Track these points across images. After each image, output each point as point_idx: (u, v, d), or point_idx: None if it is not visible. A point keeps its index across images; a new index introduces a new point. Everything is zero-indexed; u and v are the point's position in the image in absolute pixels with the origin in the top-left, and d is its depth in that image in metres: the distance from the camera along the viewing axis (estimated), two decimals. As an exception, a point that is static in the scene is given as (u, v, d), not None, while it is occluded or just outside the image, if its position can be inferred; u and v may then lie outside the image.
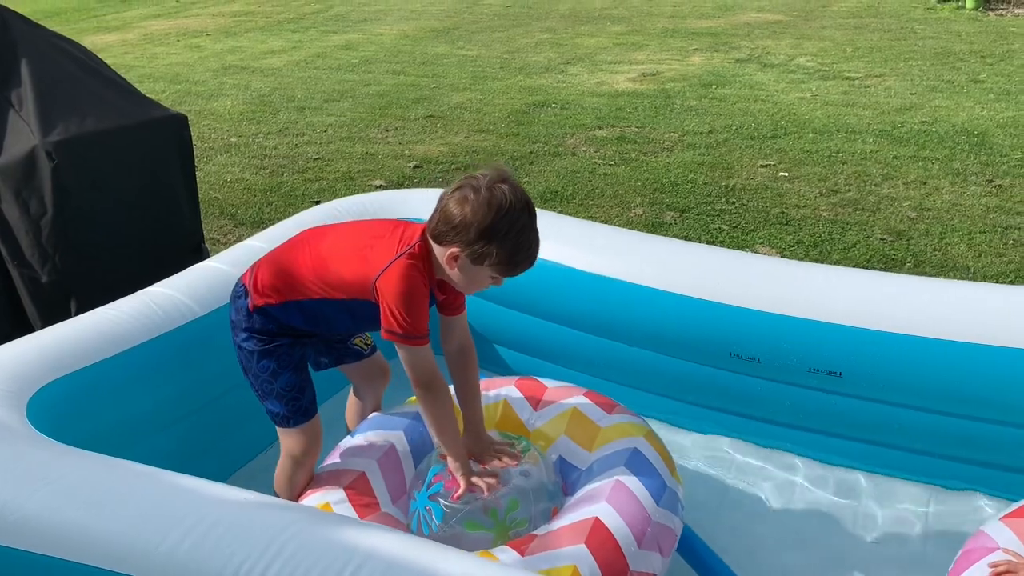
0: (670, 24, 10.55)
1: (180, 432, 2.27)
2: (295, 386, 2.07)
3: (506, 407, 2.25)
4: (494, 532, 1.95)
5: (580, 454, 2.11)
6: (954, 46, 8.75)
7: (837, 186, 5.09)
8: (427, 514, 1.98)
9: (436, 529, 1.95)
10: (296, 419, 2.08)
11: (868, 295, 2.36)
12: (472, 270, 1.87)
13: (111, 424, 2.09)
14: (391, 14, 11.97)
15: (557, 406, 2.22)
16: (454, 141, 6.17)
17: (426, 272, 1.91)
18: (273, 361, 2.04)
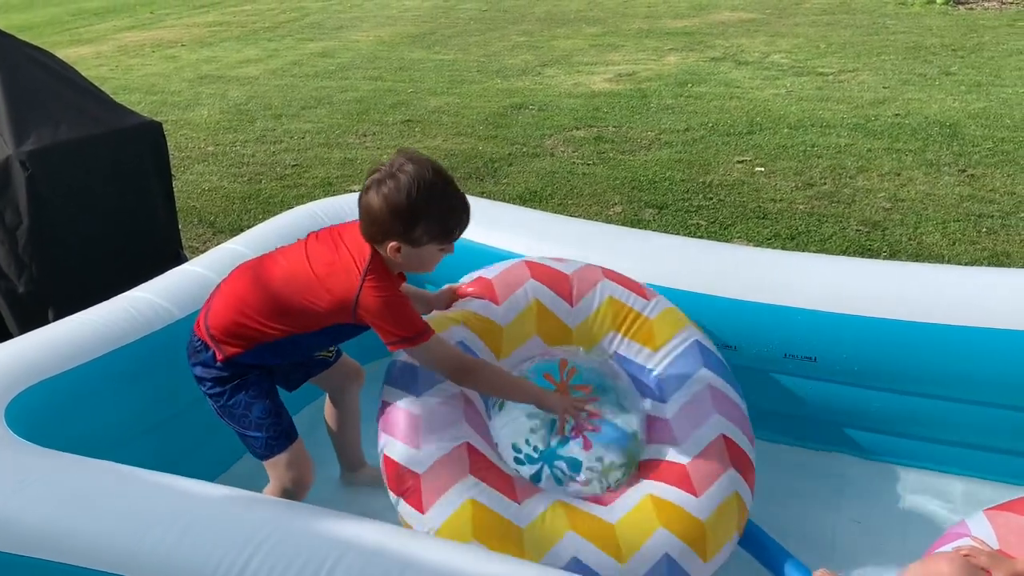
0: (645, 25, 10.61)
1: (162, 436, 2.27)
2: (271, 411, 2.06)
3: (540, 308, 2.22)
4: (627, 462, 2.05)
5: (641, 351, 2.24)
6: (925, 40, 8.86)
7: (813, 179, 5.14)
8: (561, 470, 2.01)
9: (578, 477, 2.00)
10: (280, 443, 2.05)
11: (842, 280, 2.39)
12: (416, 253, 1.90)
13: (92, 428, 2.08)
14: (367, 20, 11.98)
15: (592, 297, 2.27)
16: (432, 145, 6.18)
17: (390, 276, 1.95)
18: (245, 394, 2.03)
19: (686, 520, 1.93)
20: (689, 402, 2.13)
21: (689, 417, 2.10)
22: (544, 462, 2.01)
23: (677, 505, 1.94)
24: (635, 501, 1.96)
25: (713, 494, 1.98)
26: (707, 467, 2.02)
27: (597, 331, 2.25)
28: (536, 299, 2.23)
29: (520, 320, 2.19)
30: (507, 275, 2.27)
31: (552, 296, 2.24)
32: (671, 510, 1.93)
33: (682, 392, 2.15)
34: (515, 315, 2.19)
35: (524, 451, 2.02)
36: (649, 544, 1.86)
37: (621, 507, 1.95)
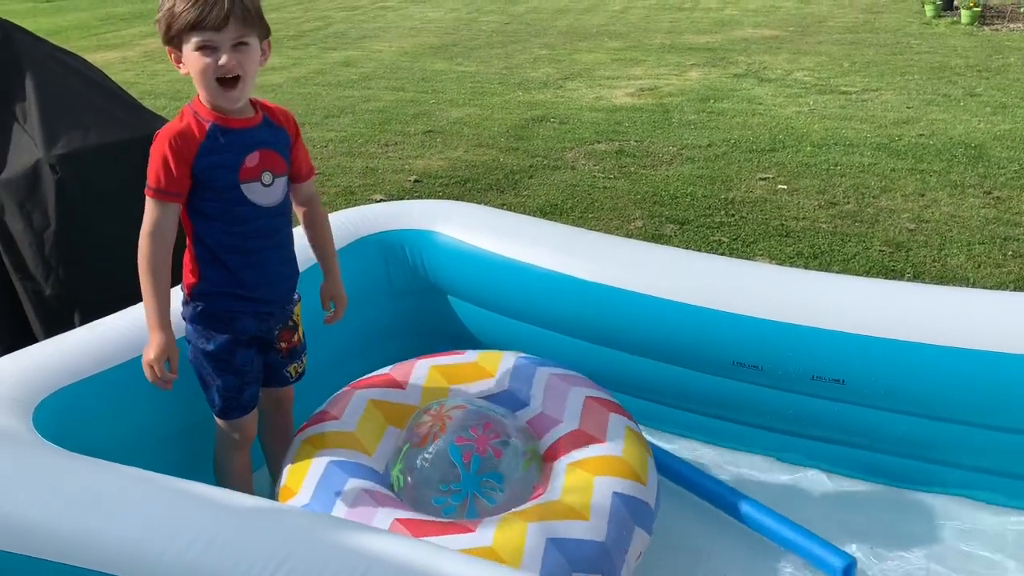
0: (667, 40, 10.63)
1: (186, 441, 2.27)
2: (234, 387, 2.11)
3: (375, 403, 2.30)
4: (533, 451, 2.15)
5: (481, 384, 2.35)
6: (950, 60, 8.82)
7: (836, 198, 5.11)
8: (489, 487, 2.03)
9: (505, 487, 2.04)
10: (235, 413, 2.14)
11: (870, 302, 2.37)
12: (186, 59, 1.91)
13: (117, 432, 2.09)
14: (390, 31, 12.05)
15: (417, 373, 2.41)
16: (453, 156, 6.20)
17: (195, 116, 1.96)
18: (215, 363, 2.08)
19: (608, 462, 2.08)
20: (545, 391, 2.31)
21: (554, 400, 2.28)
22: (468, 490, 2.05)
23: (593, 456, 2.10)
24: (562, 475, 2.07)
25: (614, 435, 2.17)
26: (595, 421, 2.21)
27: (437, 392, 2.33)
28: (369, 399, 2.30)
29: (364, 420, 2.23)
30: (339, 400, 2.33)
31: (382, 391, 2.34)
32: (593, 462, 2.08)
33: (535, 389, 2.32)
34: (357, 419, 2.23)
35: (445, 494, 2.04)
36: (597, 495, 1.97)
37: (555, 486, 2.04)
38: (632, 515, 1.98)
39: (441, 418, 2.14)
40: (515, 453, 2.11)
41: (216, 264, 2.04)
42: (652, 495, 2.08)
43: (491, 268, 2.73)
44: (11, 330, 3.09)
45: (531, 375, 2.35)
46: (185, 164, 1.91)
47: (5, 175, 2.96)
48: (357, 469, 2.06)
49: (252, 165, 1.99)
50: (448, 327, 2.95)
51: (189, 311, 2.10)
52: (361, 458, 2.12)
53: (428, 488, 2.05)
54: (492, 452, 2.08)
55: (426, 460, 2.07)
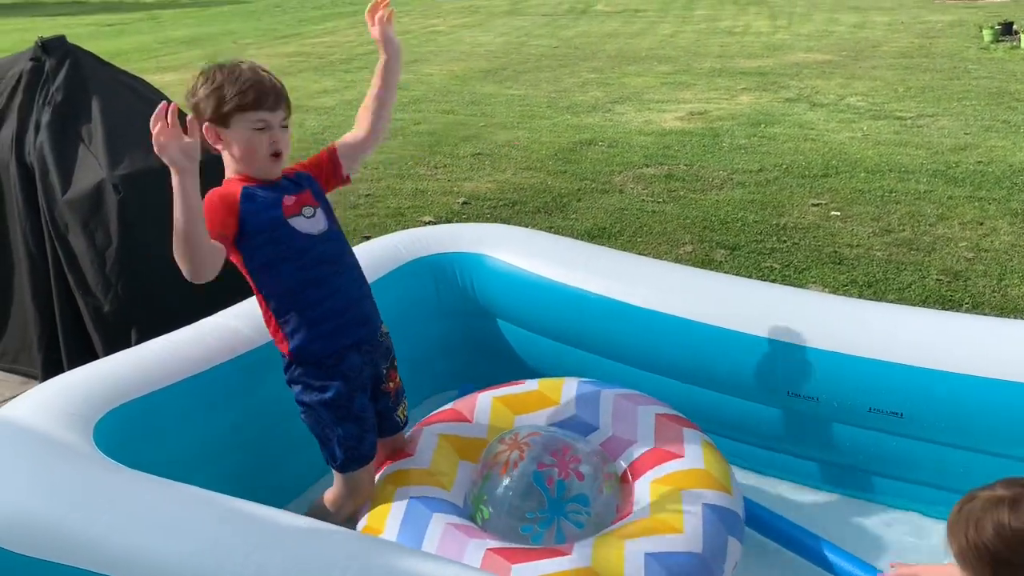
0: (718, 64, 10.58)
1: (240, 458, 2.30)
2: (353, 435, 2.10)
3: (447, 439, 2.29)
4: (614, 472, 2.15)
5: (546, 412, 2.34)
6: (1009, 86, 8.63)
7: (891, 226, 5.02)
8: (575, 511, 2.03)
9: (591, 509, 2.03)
10: (353, 465, 2.11)
11: (930, 334, 2.32)
12: (231, 136, 2.00)
13: (174, 449, 2.12)
14: (441, 55, 12.20)
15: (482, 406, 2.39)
16: (502, 178, 6.23)
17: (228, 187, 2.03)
18: (329, 412, 2.08)
19: (692, 475, 2.08)
20: (613, 413, 2.31)
21: (623, 421, 2.28)
22: (555, 516, 2.03)
23: (676, 471, 2.10)
24: (647, 493, 2.06)
25: (691, 448, 2.18)
26: (668, 436, 2.21)
27: (503, 424, 2.32)
28: (439, 434, 2.29)
29: (438, 456, 2.22)
30: (410, 439, 2.33)
31: (450, 425, 2.32)
32: (677, 477, 2.08)
33: (603, 411, 2.31)
34: (431, 455, 2.22)
35: (531, 522, 2.02)
36: (688, 508, 1.97)
37: (643, 504, 2.03)
38: (724, 525, 1.97)
39: (518, 446, 2.12)
40: (597, 475, 2.10)
41: (298, 311, 2.07)
42: (739, 504, 2.08)
43: (540, 292, 2.73)
44: (75, 346, 3.17)
45: (596, 399, 2.34)
46: (229, 212, 2.01)
47: (70, 194, 3.06)
48: (439, 504, 2.04)
49: (290, 204, 2.11)
50: (496, 349, 2.95)
51: (297, 373, 2.10)
52: (440, 493, 2.10)
53: (514, 517, 2.03)
54: (575, 476, 2.07)
55: (509, 489, 2.05)
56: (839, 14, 14.87)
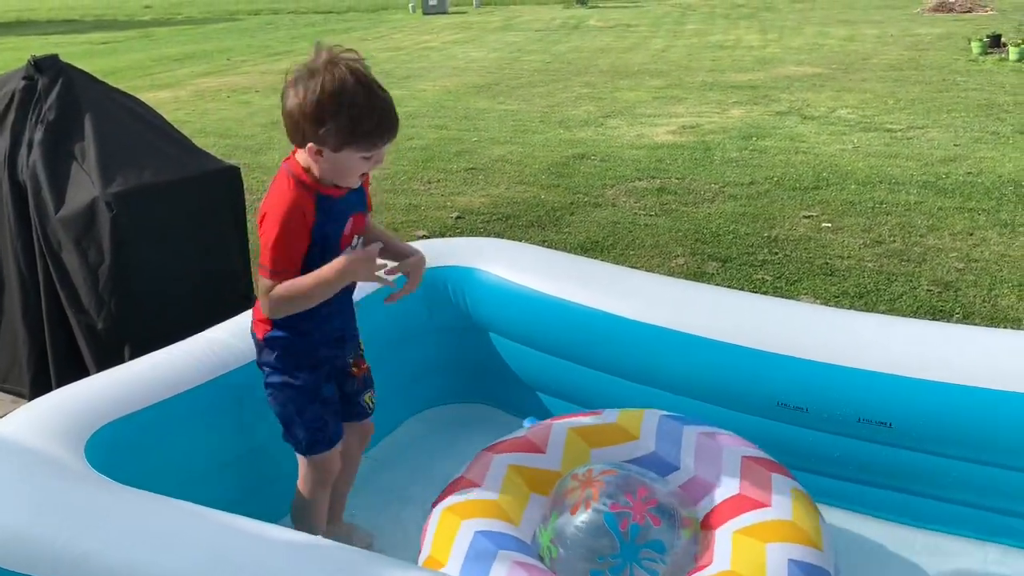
0: (709, 78, 10.65)
1: (234, 474, 2.30)
2: (319, 417, 2.11)
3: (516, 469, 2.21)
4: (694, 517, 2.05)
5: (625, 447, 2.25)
6: (998, 97, 8.71)
7: (881, 237, 5.05)
8: (649, 558, 1.92)
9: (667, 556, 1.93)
10: (319, 447, 2.13)
11: (919, 344, 2.33)
12: (336, 158, 1.89)
13: (167, 465, 2.12)
14: (434, 71, 12.26)
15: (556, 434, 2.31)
16: (495, 193, 6.26)
17: (306, 191, 1.93)
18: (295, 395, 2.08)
19: (776, 527, 1.95)
20: (697, 452, 2.20)
21: (707, 462, 2.17)
22: (627, 561, 1.93)
23: (761, 522, 1.98)
24: (728, 544, 1.94)
25: (779, 497, 2.04)
26: (755, 482, 2.09)
27: (578, 456, 2.23)
28: (509, 464, 2.20)
29: (507, 487, 2.13)
30: (476, 466, 2.24)
31: (521, 456, 2.24)
32: (762, 528, 1.96)
33: (685, 450, 2.21)
34: (499, 486, 2.13)
35: (601, 566, 1.93)
36: (771, 564, 1.86)
37: (722, 556, 1.90)
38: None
39: (591, 484, 2.02)
40: (674, 520, 1.99)
41: (300, 317, 2.03)
42: (830, 561, 1.94)
43: (533, 306, 2.74)
44: (67, 364, 3.17)
45: (678, 435, 2.24)
46: (303, 240, 1.94)
47: (63, 212, 3.07)
48: (505, 539, 1.96)
49: (348, 232, 2.06)
50: (489, 364, 2.95)
51: (270, 357, 2.10)
52: (507, 527, 2.01)
53: (583, 560, 1.93)
54: (651, 520, 1.96)
55: (579, 529, 1.95)
56: (829, 27, 14.99)
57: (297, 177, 1.95)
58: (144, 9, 26.63)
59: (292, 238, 1.92)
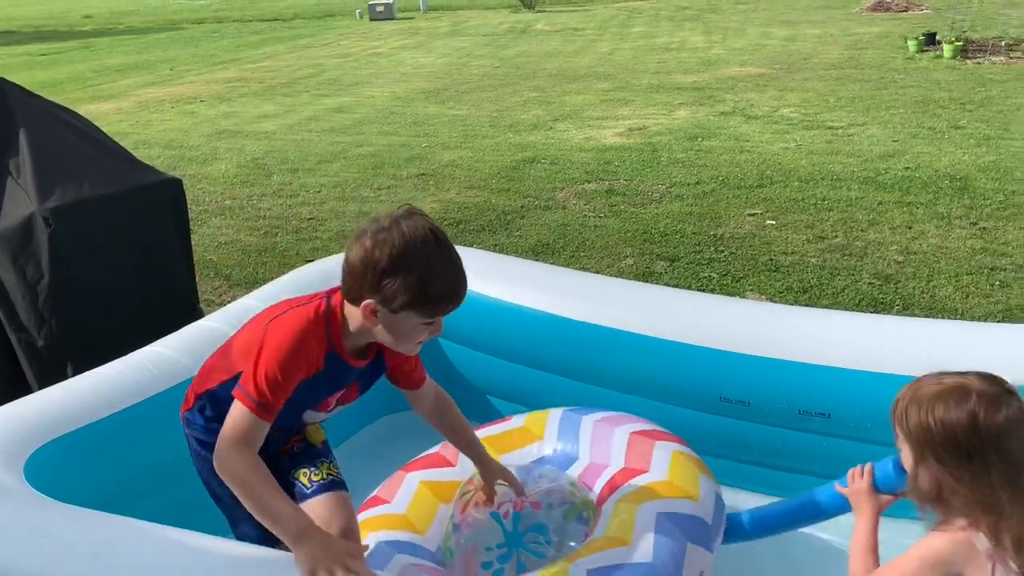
0: (655, 80, 10.78)
1: (179, 490, 2.27)
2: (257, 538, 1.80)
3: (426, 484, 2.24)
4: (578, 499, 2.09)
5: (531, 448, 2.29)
6: (934, 94, 8.96)
7: (824, 232, 5.16)
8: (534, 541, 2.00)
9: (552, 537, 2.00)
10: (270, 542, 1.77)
11: (858, 336, 2.39)
12: (394, 320, 1.66)
13: (110, 483, 2.10)
14: (382, 77, 12.22)
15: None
16: (446, 198, 6.26)
17: (326, 337, 1.71)
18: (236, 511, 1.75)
19: (651, 488, 2.03)
20: (593, 439, 2.26)
21: (600, 446, 2.23)
22: (513, 548, 2.01)
23: (638, 487, 2.05)
24: (608, 514, 2.01)
25: (658, 462, 2.11)
26: (638, 453, 2.15)
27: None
28: (420, 480, 2.24)
29: (416, 501, 2.17)
30: (390, 485, 2.27)
31: (433, 471, 2.27)
32: (636, 493, 2.03)
33: (582, 440, 2.27)
34: (408, 501, 2.17)
35: (490, 556, 2.00)
36: (639, 521, 1.93)
37: (601, 525, 1.97)
38: (683, 532, 1.92)
39: (487, 487, 2.09)
40: (554, 503, 2.06)
41: None
42: (706, 510, 2.01)
43: (478, 309, 2.75)
44: (9, 383, 3.10)
45: (576, 428, 2.29)
46: (295, 385, 1.70)
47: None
48: (405, 546, 2.00)
49: (333, 398, 1.87)
50: (440, 369, 2.95)
51: (208, 412, 1.88)
52: (411, 536, 2.06)
53: (475, 554, 2.01)
54: (531, 505, 2.04)
55: (469, 527, 2.04)
56: (772, 28, 15.27)
57: (330, 321, 1.72)
58: (84, 19, 26.09)
59: (291, 377, 1.67)
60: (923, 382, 1.56)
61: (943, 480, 1.49)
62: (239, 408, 1.64)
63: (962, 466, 1.47)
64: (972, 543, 1.48)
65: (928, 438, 1.50)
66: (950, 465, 1.48)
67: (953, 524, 1.51)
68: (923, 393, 1.53)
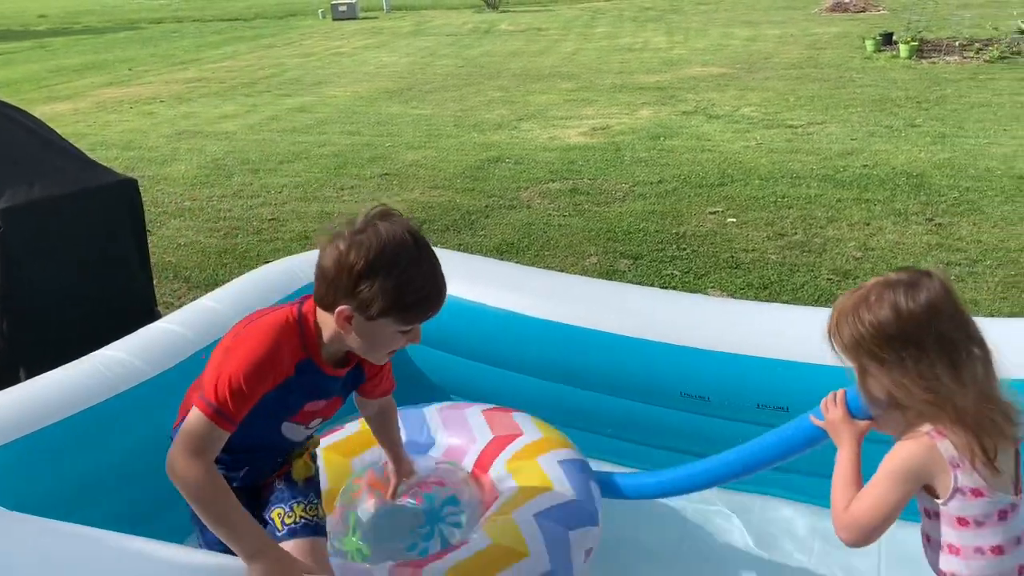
0: (618, 80, 10.83)
1: (132, 494, 2.23)
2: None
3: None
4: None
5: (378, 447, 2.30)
6: (891, 93, 9.11)
7: (784, 230, 5.22)
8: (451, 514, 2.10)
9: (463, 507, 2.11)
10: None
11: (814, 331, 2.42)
12: (368, 327, 1.58)
13: (62, 488, 2.05)
14: (345, 76, 12.14)
15: None
16: (410, 198, 6.24)
17: (300, 344, 1.64)
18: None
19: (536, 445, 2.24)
20: (444, 425, 2.39)
21: (455, 428, 2.37)
22: (434, 524, 2.09)
23: (522, 447, 2.24)
24: (505, 473, 2.21)
25: (525, 426, 2.31)
26: (502, 425, 2.33)
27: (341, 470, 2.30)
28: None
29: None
30: None
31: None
32: (524, 450, 2.23)
33: (432, 428, 2.39)
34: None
35: (414, 538, 2.06)
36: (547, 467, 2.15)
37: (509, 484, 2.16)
38: (581, 470, 2.19)
39: (374, 482, 2.17)
40: (454, 476, 2.19)
41: None
42: (581, 455, 2.28)
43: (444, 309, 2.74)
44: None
45: (421, 419, 2.41)
46: (264, 392, 1.62)
47: (-53, 231, 2.93)
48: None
49: (311, 410, 1.78)
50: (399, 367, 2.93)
51: None
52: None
53: (397, 540, 2.06)
54: (436, 485, 2.15)
55: (384, 517, 2.09)
56: (733, 28, 15.42)
57: (302, 326, 1.65)
58: (39, 19, 25.60)
59: (255, 386, 1.58)
60: (843, 297, 1.57)
61: (890, 381, 1.49)
62: (196, 414, 1.57)
63: (901, 360, 1.47)
64: (937, 448, 1.49)
65: (863, 343, 1.50)
66: (890, 363, 1.48)
67: (919, 431, 1.51)
68: (847, 305, 1.54)
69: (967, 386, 1.46)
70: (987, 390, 1.49)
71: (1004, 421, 1.49)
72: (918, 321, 1.47)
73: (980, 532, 1.50)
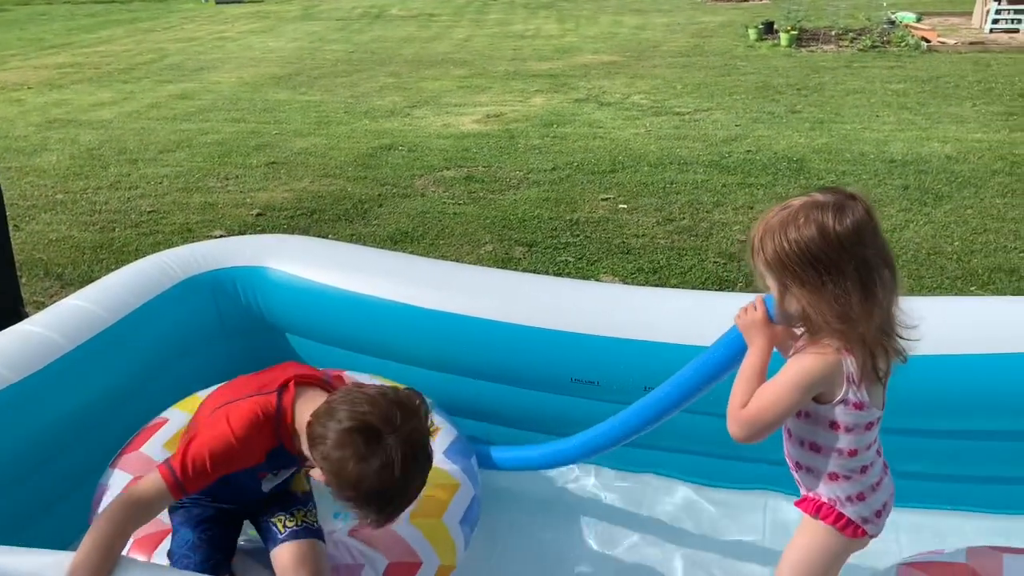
0: (511, 67, 10.84)
1: (6, 501, 2.08)
2: (191, 544, 1.87)
3: None
4: None
5: None
6: (772, 80, 9.43)
7: (672, 215, 5.33)
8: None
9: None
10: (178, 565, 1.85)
11: (701, 314, 2.47)
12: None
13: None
14: (229, 62, 11.71)
15: None
16: (299, 187, 6.07)
17: (274, 434, 1.75)
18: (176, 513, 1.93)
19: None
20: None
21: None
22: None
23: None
24: None
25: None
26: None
27: None
28: None
29: None
30: None
31: None
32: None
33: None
34: None
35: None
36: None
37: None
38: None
39: None
40: None
41: None
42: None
43: (325, 301, 2.67)
44: None
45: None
46: (220, 476, 1.73)
47: None
48: None
49: (275, 472, 1.92)
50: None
51: None
52: None
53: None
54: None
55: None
56: (623, 16, 15.66)
57: (279, 419, 1.75)
58: None
59: (218, 471, 1.70)
60: (771, 212, 1.58)
61: (807, 299, 1.52)
62: (155, 477, 1.67)
63: (821, 280, 1.50)
64: (842, 364, 1.55)
65: (786, 261, 1.52)
66: (810, 282, 1.51)
67: (827, 347, 1.55)
68: (773, 221, 1.55)
69: (873, 316, 1.51)
70: (888, 316, 1.55)
71: (896, 345, 1.57)
72: (842, 245, 1.49)
73: (846, 436, 1.61)
